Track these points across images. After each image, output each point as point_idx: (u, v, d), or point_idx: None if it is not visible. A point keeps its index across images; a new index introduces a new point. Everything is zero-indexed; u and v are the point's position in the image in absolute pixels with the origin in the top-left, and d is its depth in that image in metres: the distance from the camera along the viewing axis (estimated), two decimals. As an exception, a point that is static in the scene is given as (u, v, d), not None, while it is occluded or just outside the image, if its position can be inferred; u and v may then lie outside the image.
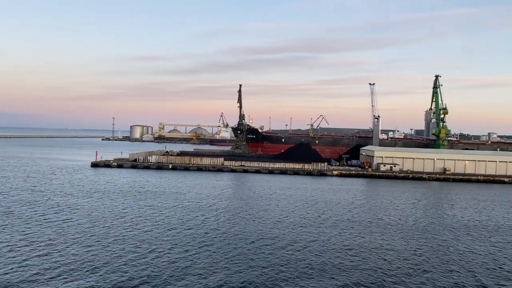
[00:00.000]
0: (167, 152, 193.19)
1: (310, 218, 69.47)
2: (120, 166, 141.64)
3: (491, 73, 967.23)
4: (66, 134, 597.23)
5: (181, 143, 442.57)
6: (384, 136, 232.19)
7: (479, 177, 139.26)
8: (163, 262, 44.24)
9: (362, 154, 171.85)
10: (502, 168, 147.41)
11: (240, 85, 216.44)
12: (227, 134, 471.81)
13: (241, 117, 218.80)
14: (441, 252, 52.22)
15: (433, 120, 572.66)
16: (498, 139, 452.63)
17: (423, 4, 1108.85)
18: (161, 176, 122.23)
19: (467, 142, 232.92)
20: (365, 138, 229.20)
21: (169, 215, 67.55)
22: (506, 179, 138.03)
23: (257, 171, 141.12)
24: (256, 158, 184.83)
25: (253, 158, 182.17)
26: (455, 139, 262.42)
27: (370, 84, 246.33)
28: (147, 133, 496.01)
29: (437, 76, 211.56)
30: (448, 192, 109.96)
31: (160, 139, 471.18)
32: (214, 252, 48.36)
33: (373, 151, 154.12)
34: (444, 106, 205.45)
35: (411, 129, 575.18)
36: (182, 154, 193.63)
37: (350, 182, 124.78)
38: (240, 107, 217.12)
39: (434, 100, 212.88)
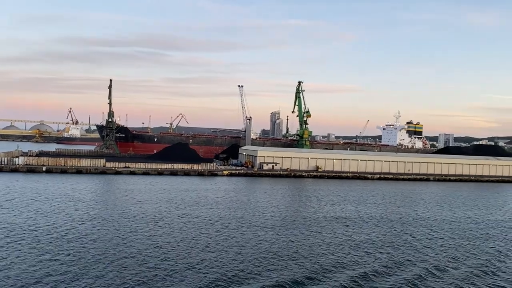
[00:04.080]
0: (24, 152, 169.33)
1: (228, 219, 70.04)
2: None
3: (324, 80, 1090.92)
4: None
5: (21, 141, 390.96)
6: (254, 137, 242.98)
7: (348, 174, 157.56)
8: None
9: (242, 153, 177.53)
10: (362, 166, 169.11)
11: (111, 80, 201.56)
12: (77, 132, 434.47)
13: (111, 114, 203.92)
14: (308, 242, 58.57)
15: (278, 121, 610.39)
16: (335, 139, 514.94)
17: (266, 13, 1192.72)
18: (40, 180, 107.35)
19: (324, 142, 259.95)
20: (237, 138, 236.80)
21: (90, 223, 60.52)
22: (368, 176, 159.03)
23: (146, 173, 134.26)
24: (129, 158, 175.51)
25: (126, 158, 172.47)
26: (294, 138, 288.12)
27: (239, 86, 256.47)
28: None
29: (299, 82, 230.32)
30: (335, 188, 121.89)
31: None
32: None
33: (256, 151, 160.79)
34: (307, 110, 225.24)
35: (262, 130, 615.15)
36: (41, 154, 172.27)
37: (244, 181, 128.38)
38: (110, 103, 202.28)
39: (297, 104, 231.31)
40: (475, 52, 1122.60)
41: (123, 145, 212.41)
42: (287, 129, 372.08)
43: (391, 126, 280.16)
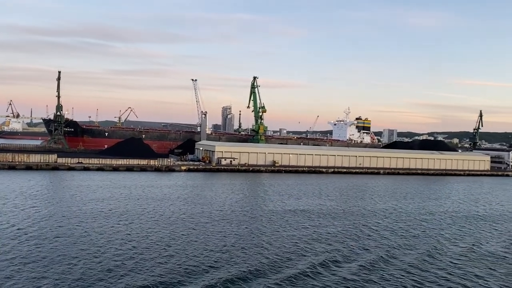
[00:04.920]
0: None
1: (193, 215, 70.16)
2: None
3: (273, 75, 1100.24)
4: None
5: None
6: (208, 131, 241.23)
7: (304, 168, 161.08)
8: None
9: (199, 149, 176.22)
10: (316, 160, 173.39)
11: (59, 72, 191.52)
12: (18, 125, 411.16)
13: (59, 108, 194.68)
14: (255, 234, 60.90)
15: (229, 116, 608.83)
16: (287, 134, 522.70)
17: (213, 6, 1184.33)
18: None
19: (279, 138, 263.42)
20: (191, 133, 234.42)
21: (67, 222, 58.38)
22: (323, 170, 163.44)
23: (100, 169, 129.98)
24: (80, 153, 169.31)
25: (76, 153, 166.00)
26: (248, 133, 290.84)
27: (192, 80, 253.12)
28: None
29: (255, 78, 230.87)
30: (289, 182, 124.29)
31: None
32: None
33: (214, 146, 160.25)
34: (262, 105, 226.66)
35: (213, 124, 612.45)
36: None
37: (203, 177, 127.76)
38: (59, 96, 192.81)
39: (252, 99, 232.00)
40: (416, 51, 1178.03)
41: (72, 140, 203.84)
42: (240, 124, 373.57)
43: (342, 122, 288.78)
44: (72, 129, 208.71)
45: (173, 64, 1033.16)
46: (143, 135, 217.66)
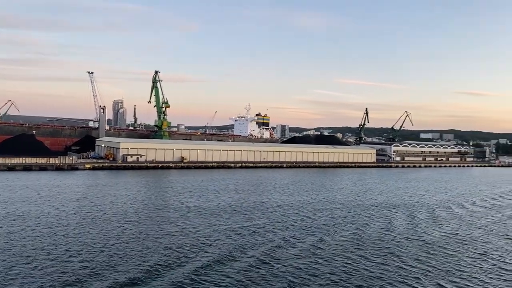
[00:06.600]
0: None
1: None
2: None
3: (168, 69, 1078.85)
4: None
5: None
6: (107, 127, 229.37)
7: (213, 164, 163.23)
8: None
9: (100, 145, 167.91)
10: (224, 155, 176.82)
11: None
12: None
13: None
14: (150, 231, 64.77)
15: (121, 111, 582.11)
16: (185, 129, 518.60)
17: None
18: None
19: (182, 133, 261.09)
20: (88, 128, 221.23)
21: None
22: (231, 164, 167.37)
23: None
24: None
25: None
26: (140, 128, 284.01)
27: (88, 72, 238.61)
28: None
29: (156, 72, 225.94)
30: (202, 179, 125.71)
31: None
32: None
33: (119, 142, 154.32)
34: (165, 100, 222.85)
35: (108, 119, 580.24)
36: None
37: (110, 175, 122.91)
38: None
39: (154, 94, 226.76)
40: (302, 50, 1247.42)
41: None
42: (136, 118, 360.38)
43: (243, 118, 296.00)
44: None
45: (58, 54, 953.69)
46: (34, 131, 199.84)
